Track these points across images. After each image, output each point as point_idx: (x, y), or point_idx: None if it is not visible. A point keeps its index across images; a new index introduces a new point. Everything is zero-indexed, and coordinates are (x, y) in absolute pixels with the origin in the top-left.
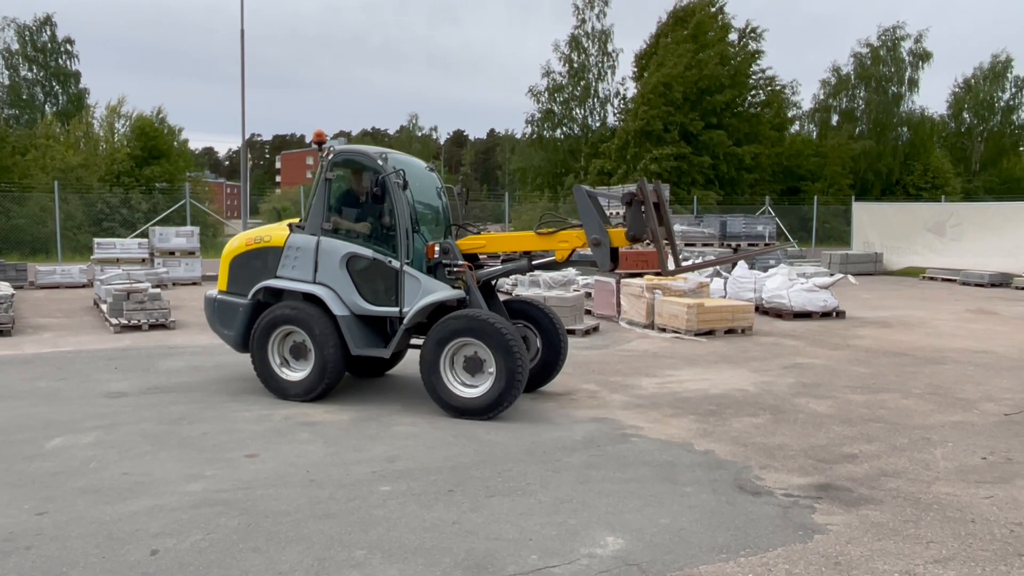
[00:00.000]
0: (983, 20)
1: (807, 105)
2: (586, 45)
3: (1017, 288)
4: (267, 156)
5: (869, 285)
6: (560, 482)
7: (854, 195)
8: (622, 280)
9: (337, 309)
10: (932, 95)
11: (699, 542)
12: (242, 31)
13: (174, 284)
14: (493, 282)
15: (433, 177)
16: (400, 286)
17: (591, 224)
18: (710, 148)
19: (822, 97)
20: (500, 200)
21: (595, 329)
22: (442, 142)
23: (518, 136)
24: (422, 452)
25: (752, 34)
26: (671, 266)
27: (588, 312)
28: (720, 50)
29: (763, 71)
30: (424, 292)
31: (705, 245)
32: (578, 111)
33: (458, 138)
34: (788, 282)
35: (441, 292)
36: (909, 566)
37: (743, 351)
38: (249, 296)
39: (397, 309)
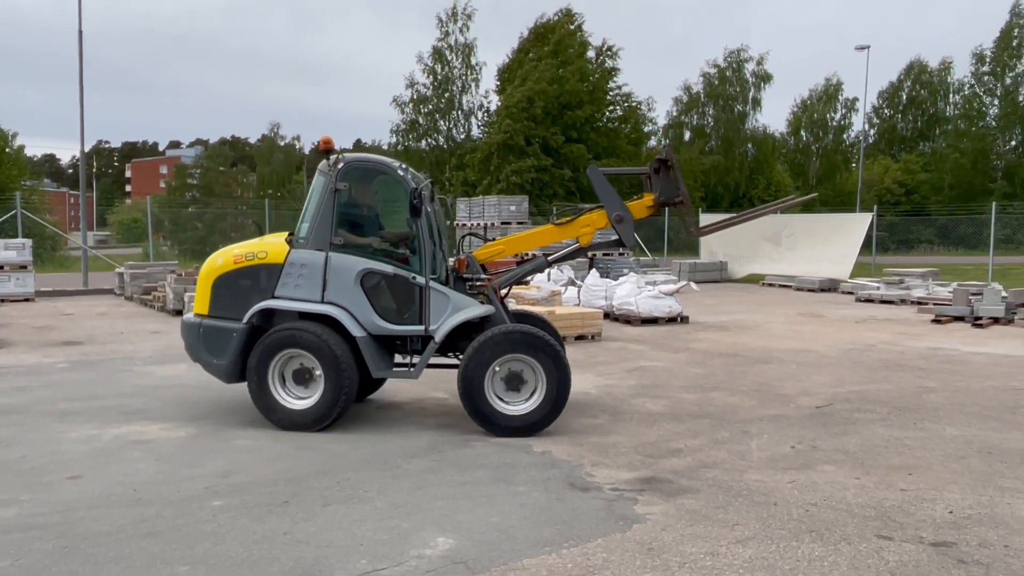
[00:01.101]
0: (818, 46)
1: (662, 121)
2: (450, 58)
3: (843, 292)
4: (116, 164)
5: (713, 292)
6: (398, 488)
7: (703, 207)
8: None
9: (355, 330)
10: (774, 114)
11: (525, 537)
12: (80, 31)
13: (3, 300)
14: (505, 291)
15: (429, 188)
16: (425, 303)
17: (611, 202)
18: (571, 161)
19: (675, 114)
20: None
21: None
22: (307, 151)
23: (384, 146)
24: (260, 465)
25: (608, 52)
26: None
27: None
28: (579, 66)
29: (620, 88)
30: (454, 308)
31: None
32: (442, 123)
33: None
34: (637, 290)
35: (474, 308)
36: (714, 547)
37: (591, 356)
38: (245, 319)
39: (422, 327)
